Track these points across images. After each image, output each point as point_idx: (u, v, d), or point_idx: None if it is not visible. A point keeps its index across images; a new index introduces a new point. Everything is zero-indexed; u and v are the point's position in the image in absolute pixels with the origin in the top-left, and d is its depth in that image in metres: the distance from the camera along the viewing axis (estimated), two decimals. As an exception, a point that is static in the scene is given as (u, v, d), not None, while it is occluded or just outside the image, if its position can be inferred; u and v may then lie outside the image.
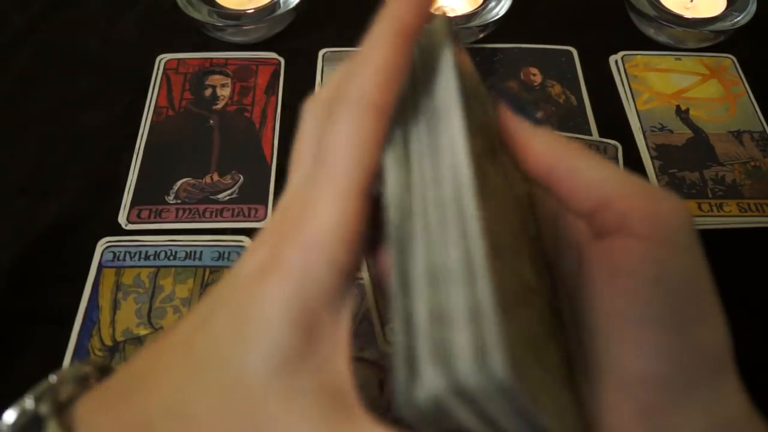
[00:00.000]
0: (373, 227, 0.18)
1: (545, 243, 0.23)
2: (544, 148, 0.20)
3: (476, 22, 0.57)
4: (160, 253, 0.44)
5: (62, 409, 0.18)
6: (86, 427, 0.18)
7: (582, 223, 0.20)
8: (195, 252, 0.44)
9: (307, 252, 0.16)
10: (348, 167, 0.17)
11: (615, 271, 0.19)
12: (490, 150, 0.21)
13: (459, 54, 0.21)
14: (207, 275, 0.43)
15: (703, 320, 0.18)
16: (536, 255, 0.21)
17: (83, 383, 0.20)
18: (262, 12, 0.56)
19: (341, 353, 0.16)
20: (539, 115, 0.54)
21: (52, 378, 0.19)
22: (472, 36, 0.58)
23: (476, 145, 0.19)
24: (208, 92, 0.54)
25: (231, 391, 0.16)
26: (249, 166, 0.49)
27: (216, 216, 0.46)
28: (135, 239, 0.45)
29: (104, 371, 0.21)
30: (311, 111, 0.20)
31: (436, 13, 0.21)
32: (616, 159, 0.51)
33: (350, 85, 0.18)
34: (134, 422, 0.17)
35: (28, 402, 0.18)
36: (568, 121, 0.53)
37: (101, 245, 0.44)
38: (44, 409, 0.18)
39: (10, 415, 0.18)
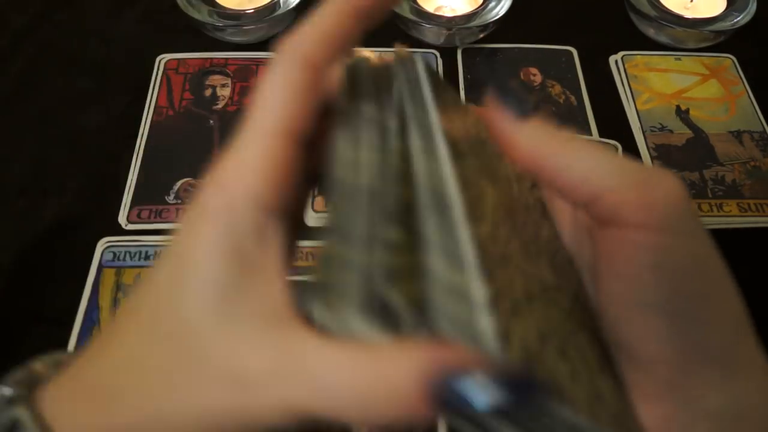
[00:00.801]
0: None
1: (564, 239, 0.23)
2: (530, 144, 0.19)
3: (476, 22, 0.57)
4: (160, 253, 0.44)
5: (33, 392, 0.19)
6: (51, 403, 0.18)
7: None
8: (195, 252, 0.44)
9: (229, 191, 0.17)
10: (273, 111, 0.18)
11: (614, 260, 0.19)
12: (486, 164, 0.21)
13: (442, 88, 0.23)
14: (207, 275, 0.43)
15: (709, 299, 0.19)
16: (556, 254, 0.22)
17: (57, 366, 0.20)
18: (262, 12, 0.56)
19: (275, 281, 0.17)
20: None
21: (29, 364, 0.20)
22: (472, 36, 0.58)
23: (468, 166, 0.19)
24: (208, 92, 0.54)
25: (175, 333, 0.17)
26: (249, 166, 0.49)
27: (216, 216, 0.46)
28: (135, 239, 0.45)
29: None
30: None
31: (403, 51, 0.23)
32: (616, 159, 0.51)
33: (291, 38, 0.19)
34: (91, 383, 0.18)
35: (5, 389, 0.19)
36: (568, 121, 0.53)
37: (101, 245, 0.44)
38: (16, 392, 0.19)
39: None
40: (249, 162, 0.18)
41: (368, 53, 0.23)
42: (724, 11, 0.59)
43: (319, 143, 0.20)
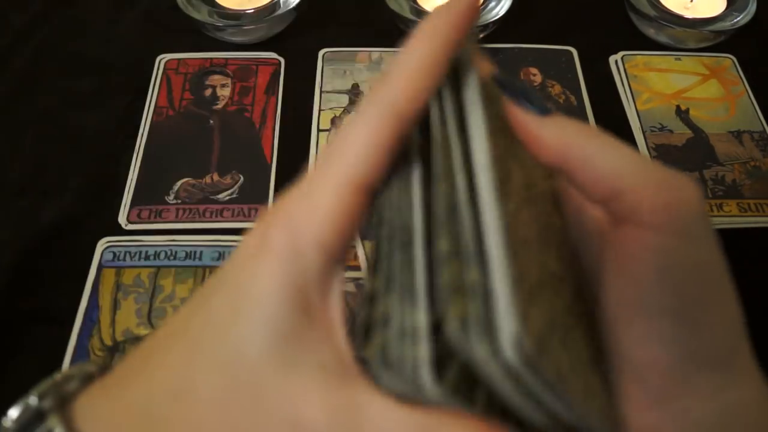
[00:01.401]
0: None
1: (570, 235, 0.23)
2: (554, 138, 0.20)
3: (476, 22, 0.57)
4: (160, 253, 0.44)
5: (65, 405, 0.18)
6: (87, 418, 0.18)
7: (602, 213, 0.21)
8: (195, 252, 0.44)
9: (299, 233, 0.17)
10: (355, 162, 0.17)
11: (625, 260, 0.19)
12: (509, 148, 0.21)
13: (480, 62, 0.21)
14: (207, 275, 0.43)
15: (712, 308, 0.19)
16: (561, 246, 0.22)
17: (87, 381, 0.20)
18: (262, 12, 0.56)
19: (336, 331, 0.17)
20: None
21: (57, 375, 0.19)
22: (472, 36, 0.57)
23: (498, 146, 0.19)
24: (208, 92, 0.54)
25: (230, 366, 0.16)
26: (249, 166, 0.49)
27: (216, 216, 0.46)
28: (135, 239, 0.45)
29: (107, 369, 0.21)
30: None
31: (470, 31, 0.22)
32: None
33: (381, 87, 0.18)
34: (135, 406, 0.17)
35: (32, 398, 0.18)
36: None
37: (101, 245, 0.44)
38: (47, 404, 0.18)
39: (14, 412, 0.18)
40: (322, 208, 0.17)
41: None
42: (724, 11, 0.59)
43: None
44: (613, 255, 0.19)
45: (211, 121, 0.52)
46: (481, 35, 0.58)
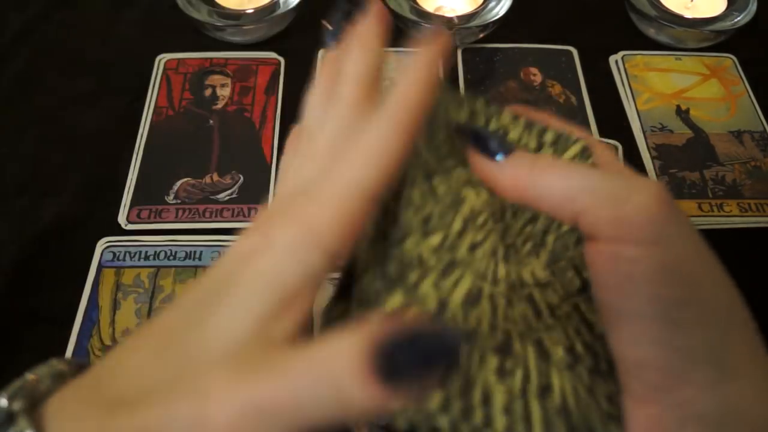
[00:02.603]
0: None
1: None
2: (509, 180, 0.21)
3: (476, 22, 0.57)
4: (160, 253, 0.44)
5: (36, 406, 0.18)
6: (57, 420, 0.17)
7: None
8: (195, 252, 0.44)
9: (301, 236, 0.18)
10: (365, 173, 0.18)
11: (599, 273, 0.20)
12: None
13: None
14: (207, 275, 0.43)
15: (690, 303, 0.19)
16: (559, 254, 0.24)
17: (59, 380, 0.19)
18: (262, 12, 0.56)
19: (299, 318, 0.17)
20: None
21: (28, 375, 0.19)
22: (472, 36, 0.58)
23: (445, 180, 0.22)
24: (208, 92, 0.54)
25: (181, 364, 0.17)
26: (249, 166, 0.49)
27: (216, 216, 0.46)
28: (135, 239, 0.45)
29: (81, 368, 0.20)
30: (313, 104, 0.23)
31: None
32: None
33: (395, 95, 0.19)
34: (105, 407, 0.17)
35: (2, 400, 0.18)
36: (568, 121, 0.53)
37: (101, 245, 0.44)
38: (17, 405, 0.18)
39: None
40: (330, 214, 0.18)
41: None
42: (724, 11, 0.59)
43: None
44: (590, 268, 0.20)
45: (211, 121, 0.52)
46: (481, 35, 0.58)
